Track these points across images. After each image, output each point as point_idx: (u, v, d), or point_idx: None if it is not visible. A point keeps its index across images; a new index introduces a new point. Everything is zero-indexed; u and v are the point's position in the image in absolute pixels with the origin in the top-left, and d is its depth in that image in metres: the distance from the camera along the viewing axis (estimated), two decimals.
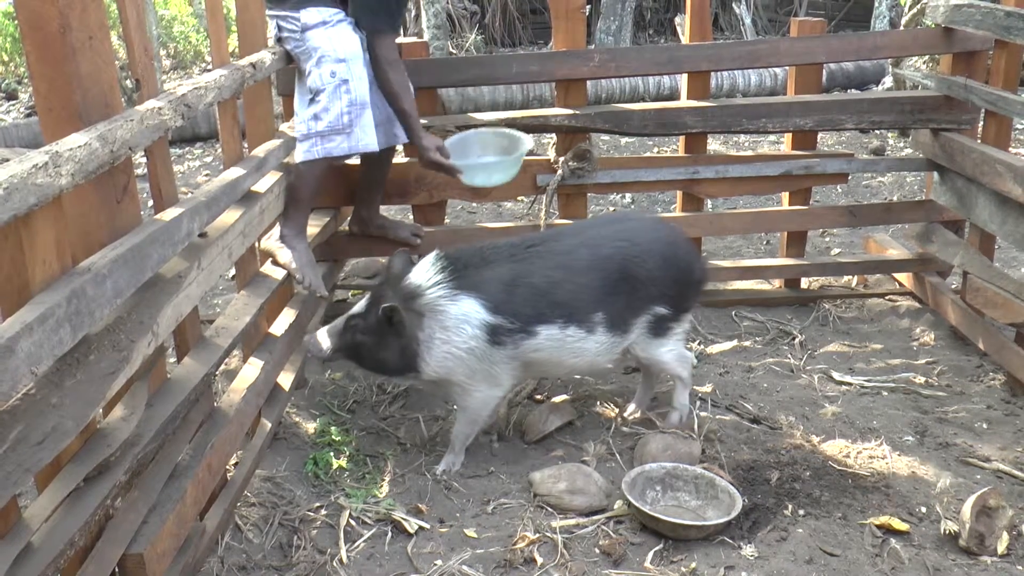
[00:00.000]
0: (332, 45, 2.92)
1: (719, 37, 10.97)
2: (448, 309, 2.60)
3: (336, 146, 2.92)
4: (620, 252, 2.71)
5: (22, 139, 6.68)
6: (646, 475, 2.58)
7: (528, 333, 2.62)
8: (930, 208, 3.75)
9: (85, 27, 1.73)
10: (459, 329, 2.60)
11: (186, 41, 10.71)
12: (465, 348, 2.61)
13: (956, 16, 3.38)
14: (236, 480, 2.45)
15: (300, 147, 2.94)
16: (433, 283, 2.63)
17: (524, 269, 2.65)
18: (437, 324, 2.61)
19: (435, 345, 2.62)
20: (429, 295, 2.62)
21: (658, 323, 2.76)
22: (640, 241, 2.76)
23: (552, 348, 2.66)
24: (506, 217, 5.11)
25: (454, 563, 2.30)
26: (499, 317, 2.60)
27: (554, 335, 2.64)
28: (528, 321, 2.61)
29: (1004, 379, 3.23)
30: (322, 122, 2.89)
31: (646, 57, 3.64)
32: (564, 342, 2.65)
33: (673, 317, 2.79)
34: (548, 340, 2.64)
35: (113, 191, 1.87)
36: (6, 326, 1.42)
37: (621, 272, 2.68)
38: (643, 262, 2.70)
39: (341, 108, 2.88)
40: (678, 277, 2.77)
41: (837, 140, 6.74)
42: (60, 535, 1.62)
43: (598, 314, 2.66)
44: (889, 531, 2.40)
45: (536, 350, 2.65)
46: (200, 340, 2.33)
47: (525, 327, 2.61)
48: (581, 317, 2.65)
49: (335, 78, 2.89)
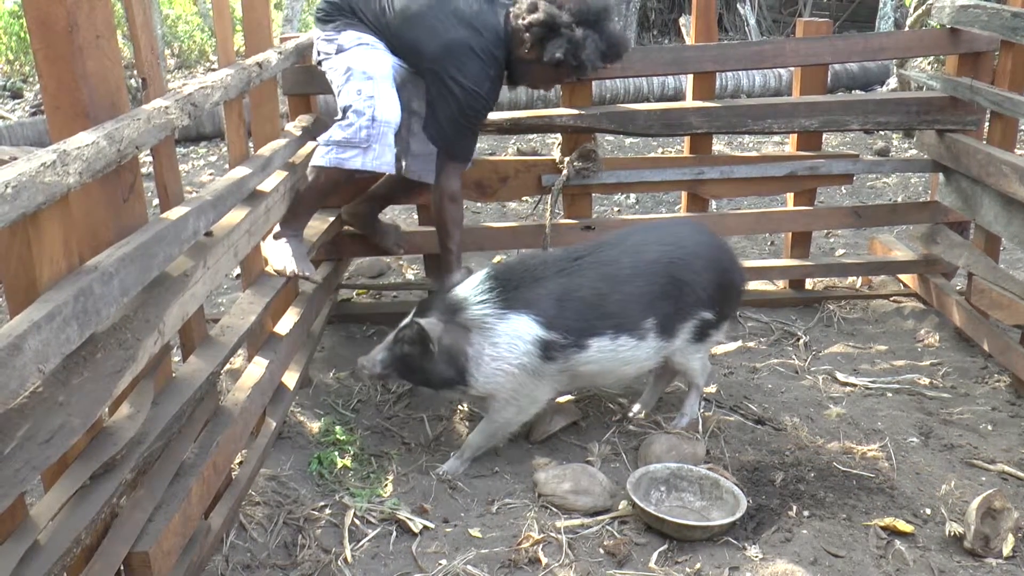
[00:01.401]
0: (362, 64, 2.93)
1: (723, 38, 10.96)
2: (497, 326, 2.60)
3: (349, 159, 2.89)
4: (667, 256, 2.72)
5: (27, 138, 6.69)
6: (651, 476, 2.58)
7: (579, 347, 2.61)
8: (935, 209, 3.74)
9: (92, 26, 1.73)
10: (512, 346, 2.59)
11: (191, 40, 10.72)
12: (517, 364, 2.60)
13: (962, 17, 3.37)
14: (241, 479, 2.46)
15: (317, 151, 2.95)
16: (480, 299, 2.63)
17: (573, 283, 2.64)
18: (486, 340, 2.61)
19: (485, 361, 2.61)
20: (474, 310, 2.63)
21: (702, 328, 2.76)
22: (686, 245, 2.77)
23: (603, 359, 2.65)
24: (510, 217, 5.11)
25: (458, 563, 2.30)
26: (553, 333, 2.59)
27: (605, 346, 2.63)
28: (580, 335, 2.61)
29: (1009, 381, 3.22)
30: (342, 133, 2.89)
31: (651, 57, 3.64)
32: (616, 352, 2.65)
33: (715, 323, 2.79)
34: (599, 352, 2.63)
35: (120, 190, 1.88)
36: (14, 324, 1.43)
37: (668, 276, 2.69)
38: (690, 265, 2.71)
39: (361, 123, 2.87)
40: (723, 282, 2.78)
41: (842, 141, 6.73)
42: (66, 533, 1.62)
43: (649, 320, 2.66)
44: (894, 532, 2.40)
45: (587, 363, 2.64)
46: (205, 339, 2.34)
47: (577, 341, 2.61)
48: (632, 325, 2.64)
49: (361, 95, 2.89)
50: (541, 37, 2.89)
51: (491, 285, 2.65)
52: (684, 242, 2.79)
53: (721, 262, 2.81)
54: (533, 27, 2.88)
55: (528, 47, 2.92)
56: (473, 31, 2.93)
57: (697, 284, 2.71)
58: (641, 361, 2.73)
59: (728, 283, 2.82)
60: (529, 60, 2.96)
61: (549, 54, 2.88)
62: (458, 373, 2.63)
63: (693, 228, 2.98)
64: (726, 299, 2.82)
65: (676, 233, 2.88)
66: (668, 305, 2.68)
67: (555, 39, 2.88)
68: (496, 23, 2.96)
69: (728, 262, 2.86)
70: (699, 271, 2.72)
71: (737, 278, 2.90)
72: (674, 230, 2.94)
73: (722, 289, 2.78)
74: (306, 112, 3.47)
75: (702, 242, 2.83)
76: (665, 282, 2.68)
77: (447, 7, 2.95)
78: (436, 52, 2.93)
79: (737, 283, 2.90)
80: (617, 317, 2.63)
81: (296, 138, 3.07)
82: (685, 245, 2.77)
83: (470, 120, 3.02)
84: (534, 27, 2.88)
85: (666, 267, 2.69)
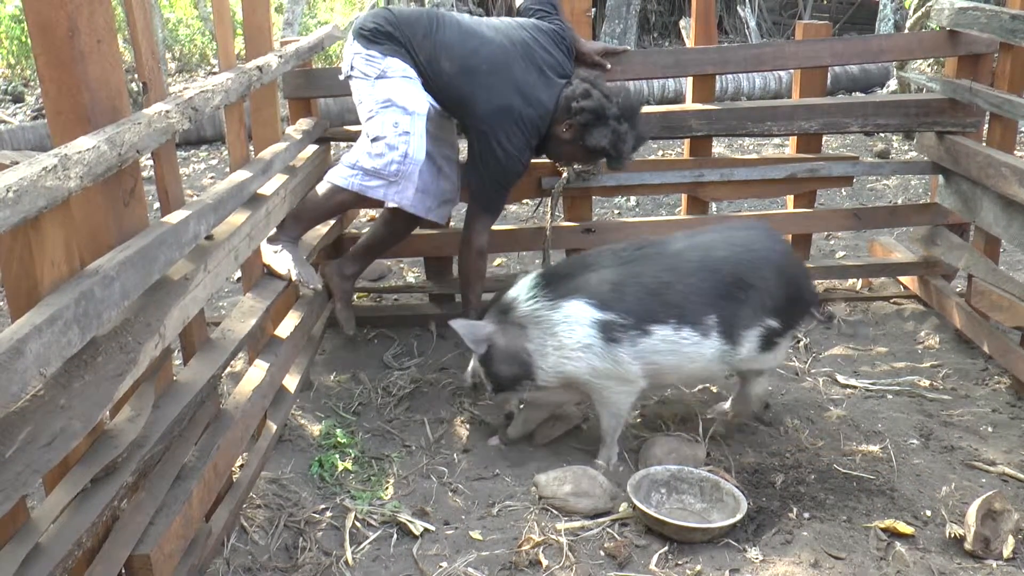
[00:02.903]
0: (404, 98, 2.94)
1: (723, 40, 10.97)
2: (552, 316, 2.62)
3: (373, 188, 2.95)
4: (735, 256, 2.66)
5: (28, 141, 6.69)
6: (651, 478, 2.58)
7: (643, 331, 2.57)
8: (935, 211, 3.74)
9: (93, 30, 1.74)
10: (570, 331, 2.60)
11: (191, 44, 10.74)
12: (580, 348, 2.59)
13: (961, 19, 3.38)
14: (242, 482, 2.46)
15: (340, 170, 2.98)
16: (530, 296, 2.67)
17: (632, 271, 2.64)
18: (545, 332, 2.63)
19: (548, 352, 2.63)
20: (526, 307, 2.67)
21: (768, 337, 2.69)
22: (756, 248, 2.71)
23: (669, 351, 2.60)
24: (510, 220, 5.11)
25: (459, 565, 2.30)
26: (609, 313, 2.57)
27: (668, 336, 2.58)
28: (641, 319, 2.57)
29: (1009, 382, 3.22)
30: (371, 162, 2.92)
31: (652, 60, 3.65)
32: (680, 345, 2.59)
33: (781, 333, 2.72)
34: (663, 342, 2.58)
35: (121, 194, 1.88)
36: (15, 328, 1.43)
37: (735, 277, 2.62)
38: (759, 270, 2.65)
39: (393, 158, 2.91)
40: (791, 292, 2.70)
41: (842, 143, 6.74)
42: (68, 536, 1.63)
43: (711, 317, 2.60)
44: (894, 534, 2.40)
45: (655, 351, 2.59)
46: (206, 342, 2.34)
47: (639, 324, 2.57)
48: (694, 319, 2.58)
49: (397, 128, 2.91)
50: (586, 123, 2.95)
51: (541, 281, 2.70)
52: (755, 245, 2.72)
53: (790, 271, 2.74)
54: (584, 112, 2.94)
55: (569, 127, 2.99)
56: (525, 102, 2.99)
57: (764, 291, 2.63)
58: (706, 361, 2.64)
59: (796, 293, 2.73)
60: (566, 139, 3.03)
61: (593, 141, 2.95)
62: (523, 369, 2.66)
63: (766, 233, 2.86)
64: (793, 309, 2.73)
65: (747, 235, 2.80)
66: (733, 307, 2.61)
67: (600, 128, 2.94)
68: (547, 99, 3.02)
69: (798, 271, 2.79)
70: (767, 277, 2.65)
71: (806, 289, 2.80)
72: (746, 232, 2.85)
73: (789, 299, 2.70)
74: (306, 116, 3.47)
75: (773, 248, 2.76)
76: (730, 282, 2.62)
77: (507, 73, 2.99)
78: (487, 113, 2.98)
79: (805, 294, 2.79)
80: (679, 308, 2.58)
81: (296, 142, 3.08)
82: (755, 248, 2.70)
83: (508, 181, 3.12)
84: (584, 112, 2.94)
85: (734, 267, 2.63)
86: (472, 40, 3.02)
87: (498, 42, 3.04)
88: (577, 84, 3.02)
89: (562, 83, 3.06)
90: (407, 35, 3.01)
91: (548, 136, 3.07)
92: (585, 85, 2.99)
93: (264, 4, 2.98)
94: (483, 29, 3.08)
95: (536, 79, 3.03)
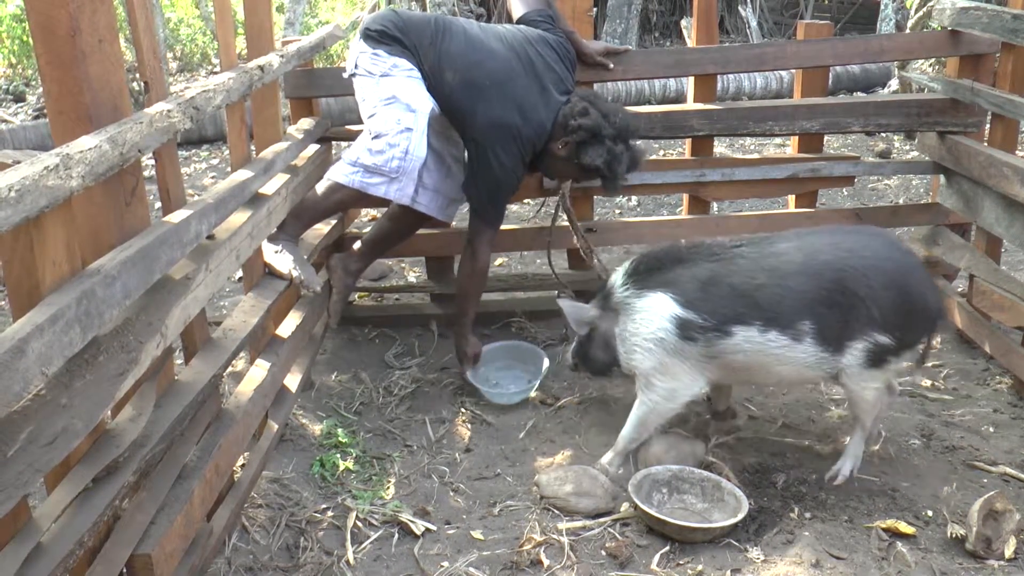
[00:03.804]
0: (408, 95, 2.95)
1: (724, 40, 10.97)
2: (636, 303, 2.66)
3: (374, 185, 2.95)
4: (840, 261, 2.51)
5: (29, 141, 6.69)
6: (652, 477, 2.58)
7: (723, 333, 2.53)
8: (936, 211, 3.74)
9: (95, 30, 1.74)
10: (647, 321, 2.62)
11: (192, 43, 10.74)
12: (654, 340, 2.60)
13: (963, 19, 3.37)
14: (243, 481, 2.46)
15: (341, 167, 2.98)
16: (624, 282, 2.72)
17: (724, 269, 2.58)
18: (628, 319, 2.68)
19: (626, 338, 2.68)
20: (619, 293, 2.72)
21: (877, 353, 2.51)
22: (867, 255, 2.53)
23: (753, 352, 2.53)
24: (512, 219, 5.10)
25: (461, 565, 2.30)
26: (691, 312, 2.55)
27: (753, 338, 2.51)
28: (724, 320, 2.52)
29: (1010, 382, 3.22)
30: (372, 159, 2.92)
31: (653, 60, 3.64)
32: (766, 347, 2.51)
33: (894, 350, 2.52)
34: (747, 343, 2.52)
35: (122, 193, 1.88)
36: (17, 327, 1.43)
37: (838, 283, 2.48)
38: (866, 278, 2.48)
39: (395, 154, 2.91)
40: (906, 305, 2.50)
41: (843, 143, 6.73)
42: (69, 535, 1.63)
43: (805, 323, 2.48)
44: (895, 534, 2.40)
45: (735, 352, 2.54)
46: (207, 342, 2.34)
47: (720, 326, 2.53)
48: (785, 322, 2.49)
49: (400, 124, 2.91)
50: (582, 141, 2.96)
51: (636, 267, 2.72)
52: (865, 252, 2.54)
53: (907, 282, 2.53)
54: (580, 130, 2.94)
55: (565, 144, 3.00)
56: (524, 119, 2.99)
57: (872, 301, 2.47)
58: (800, 365, 2.53)
59: (913, 307, 2.51)
60: (561, 156, 3.04)
61: (588, 160, 2.96)
62: (611, 355, 2.75)
63: (883, 240, 2.67)
64: (909, 325, 2.52)
65: (860, 241, 2.62)
66: (833, 314, 2.48)
67: (596, 147, 2.95)
68: (545, 118, 3.02)
69: (918, 284, 2.56)
70: (876, 287, 2.47)
71: (927, 303, 2.56)
72: (859, 237, 2.66)
73: (905, 313, 2.50)
74: (308, 115, 3.47)
75: (887, 257, 2.55)
76: (832, 288, 2.48)
77: (509, 88, 3.00)
78: (485, 126, 2.99)
79: (926, 309, 2.55)
80: (769, 311, 2.50)
81: (298, 141, 3.08)
82: (865, 256, 2.53)
83: (504, 195, 3.12)
84: (581, 130, 2.94)
85: (837, 273, 2.49)
86: (477, 52, 3.02)
87: (503, 56, 3.03)
88: (576, 102, 3.01)
89: (563, 100, 3.06)
90: (414, 41, 3.01)
91: (543, 152, 3.07)
92: (584, 103, 2.99)
93: (265, 4, 2.98)
94: (490, 41, 3.07)
95: (538, 97, 3.03)
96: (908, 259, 2.63)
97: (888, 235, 2.78)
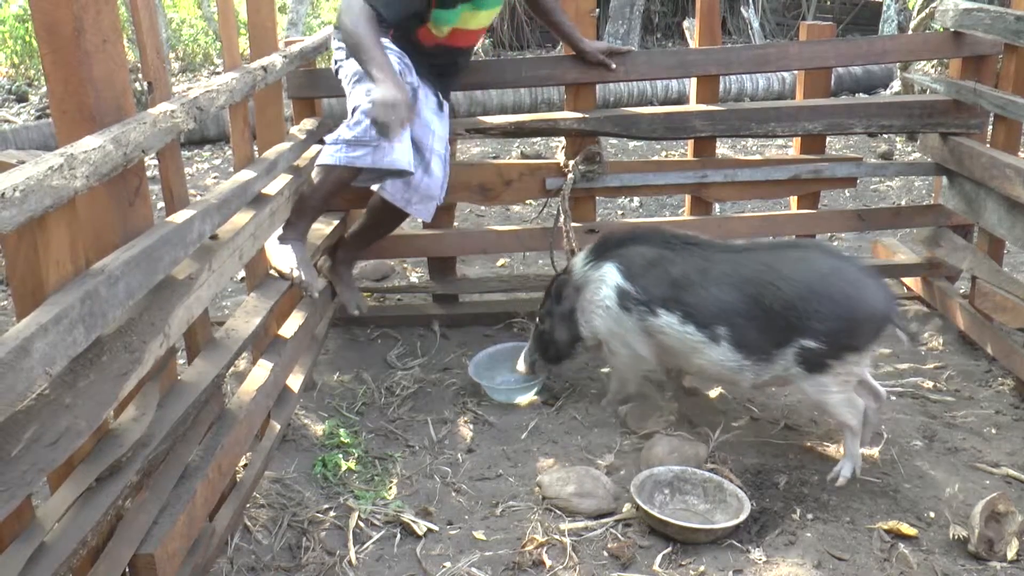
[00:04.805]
0: None
1: (727, 41, 10.98)
2: (592, 275, 2.91)
3: (360, 157, 2.89)
4: (757, 276, 2.63)
5: (32, 141, 6.71)
6: (655, 478, 2.58)
7: (651, 311, 2.75)
8: (938, 212, 3.74)
9: (99, 30, 1.75)
10: (597, 289, 2.88)
11: (195, 44, 10.75)
12: (601, 307, 2.88)
13: (965, 20, 3.37)
14: (245, 481, 2.46)
15: (326, 150, 2.94)
16: (585, 259, 2.96)
17: (670, 256, 2.79)
18: (586, 289, 2.93)
19: (585, 306, 2.93)
20: (580, 270, 2.96)
21: (810, 358, 2.56)
22: (783, 270, 2.61)
23: (674, 338, 2.73)
24: (514, 220, 5.12)
25: (463, 565, 2.30)
26: (629, 284, 2.80)
27: (674, 325, 2.71)
28: (653, 300, 2.75)
29: (1013, 384, 3.22)
30: (351, 132, 2.89)
31: (655, 61, 3.64)
32: (683, 338, 2.70)
33: (829, 354, 2.55)
34: (669, 328, 2.72)
35: (126, 193, 1.89)
36: (21, 327, 1.44)
37: (754, 298, 2.60)
38: (778, 291, 2.57)
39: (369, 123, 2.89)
40: (834, 311, 2.53)
41: (845, 144, 6.74)
42: (73, 535, 1.63)
43: (721, 328, 2.63)
44: (898, 536, 2.40)
45: (660, 332, 2.75)
46: (210, 342, 2.35)
47: (649, 304, 2.75)
48: (702, 322, 2.66)
49: (369, 96, 2.90)
50: None
51: (596, 246, 2.97)
52: (784, 267, 2.62)
53: (831, 291, 2.55)
54: None
55: None
56: None
57: (789, 311, 2.54)
58: (719, 365, 2.67)
59: (842, 314, 2.54)
60: None
61: None
62: (575, 326, 2.98)
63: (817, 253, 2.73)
64: (840, 330, 2.54)
65: (786, 256, 2.69)
66: (751, 326, 2.60)
67: None
68: None
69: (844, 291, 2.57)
70: (792, 299, 2.54)
71: (859, 309, 2.56)
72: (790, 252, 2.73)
73: (834, 320, 2.53)
74: (310, 115, 3.48)
75: (809, 268, 2.61)
76: (749, 302, 2.60)
77: None
78: None
79: (858, 315, 2.56)
80: (690, 307, 2.68)
81: (300, 141, 3.08)
82: (782, 270, 2.60)
83: None
84: None
85: (755, 288, 2.60)
86: None
87: None
88: None
89: None
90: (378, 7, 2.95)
91: None
92: None
93: (268, 4, 2.98)
94: None
95: None
96: (837, 268, 2.63)
97: (826, 248, 2.92)
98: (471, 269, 4.44)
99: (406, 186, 3.12)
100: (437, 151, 3.19)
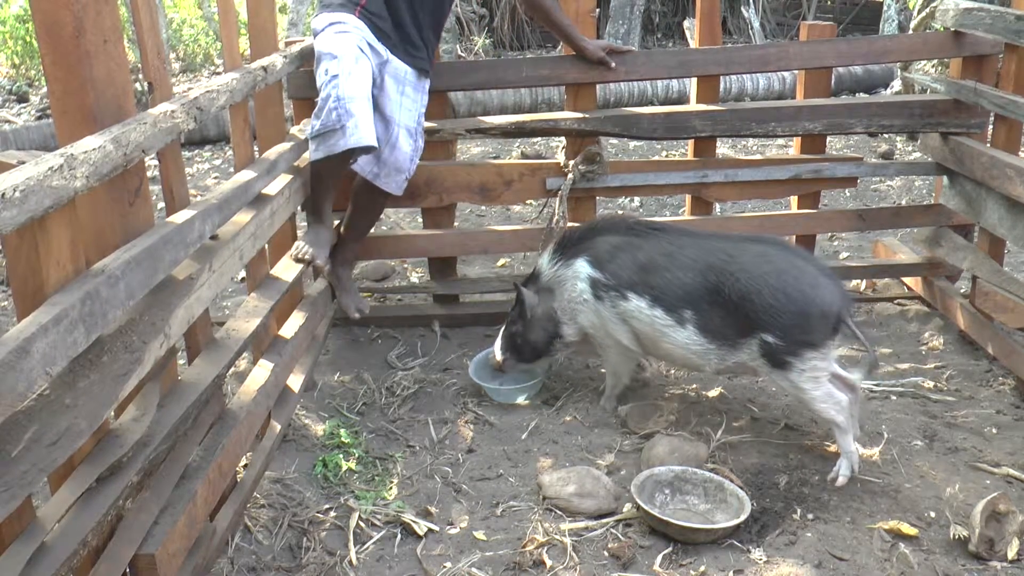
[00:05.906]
0: (328, 45, 2.99)
1: (727, 41, 10.98)
2: (565, 274, 2.96)
3: (334, 144, 2.92)
4: (720, 264, 2.68)
5: (32, 141, 6.71)
6: (655, 478, 2.58)
7: (621, 295, 2.82)
8: (939, 212, 3.74)
9: (99, 31, 1.75)
10: (573, 285, 2.94)
11: (195, 44, 10.75)
12: (579, 301, 2.94)
13: (966, 20, 3.37)
14: (246, 481, 2.46)
15: (310, 147, 3.01)
16: (551, 260, 3.00)
17: (636, 242, 2.86)
18: (562, 289, 2.98)
19: (566, 306, 2.98)
20: (548, 272, 3.01)
21: (770, 352, 2.60)
22: (742, 262, 2.66)
23: (644, 322, 2.79)
24: (515, 220, 5.12)
25: (463, 565, 2.30)
26: (598, 272, 2.88)
27: (643, 308, 2.77)
28: (622, 284, 2.82)
29: (1014, 384, 3.22)
30: (318, 122, 2.92)
31: (656, 61, 3.64)
32: (652, 321, 2.77)
33: (787, 350, 2.58)
34: (638, 312, 2.79)
35: (126, 193, 1.89)
36: (22, 327, 1.44)
37: (716, 286, 2.66)
38: (737, 283, 2.62)
39: (329, 106, 2.89)
40: (788, 307, 2.56)
41: (846, 144, 6.73)
42: (73, 535, 1.63)
43: (687, 311, 2.71)
44: (898, 535, 2.40)
45: (632, 317, 2.82)
46: (211, 342, 2.35)
47: (619, 288, 2.82)
48: (669, 305, 2.73)
49: (327, 75, 2.93)
50: None
51: (559, 245, 3.02)
52: (743, 258, 2.66)
53: (786, 287, 2.57)
54: None
55: None
56: None
57: (745, 303, 2.59)
58: (684, 349, 2.74)
59: (797, 310, 2.56)
60: None
61: None
62: (555, 327, 3.02)
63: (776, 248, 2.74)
64: (795, 326, 2.56)
65: (746, 249, 2.72)
66: (715, 312, 2.66)
67: None
68: None
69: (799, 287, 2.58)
70: (748, 292, 2.59)
71: (814, 306, 2.57)
72: (750, 246, 2.75)
73: (790, 315, 2.56)
74: (310, 116, 3.47)
75: (767, 262, 2.64)
76: (711, 288, 2.66)
77: None
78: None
79: (813, 311, 2.57)
80: (658, 290, 2.75)
81: (301, 141, 3.08)
82: (742, 262, 2.65)
83: None
84: None
85: (717, 276, 2.66)
86: None
87: None
88: None
89: None
90: None
91: None
92: None
93: (268, 4, 2.98)
94: None
95: None
96: (793, 264, 2.66)
97: (783, 244, 2.92)
98: (471, 269, 4.44)
99: (375, 160, 3.20)
100: (406, 124, 3.22)
